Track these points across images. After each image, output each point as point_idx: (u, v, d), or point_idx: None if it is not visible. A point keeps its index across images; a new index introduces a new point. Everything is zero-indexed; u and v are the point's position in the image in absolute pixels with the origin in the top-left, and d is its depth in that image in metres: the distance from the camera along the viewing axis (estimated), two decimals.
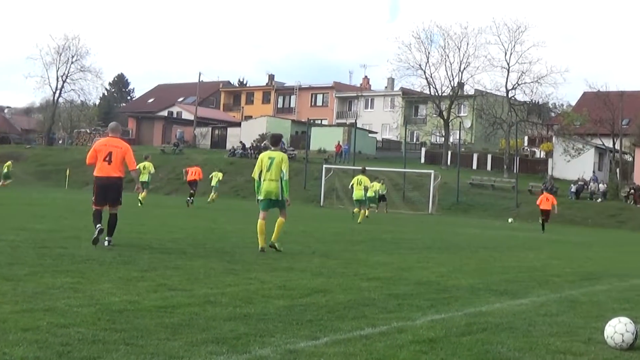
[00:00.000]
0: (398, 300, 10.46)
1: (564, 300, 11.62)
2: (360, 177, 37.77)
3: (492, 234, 32.85)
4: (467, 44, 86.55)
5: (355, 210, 37.66)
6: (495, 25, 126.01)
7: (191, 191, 44.71)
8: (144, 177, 39.11)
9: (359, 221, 35.05)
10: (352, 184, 38.22)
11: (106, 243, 15.38)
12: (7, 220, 21.05)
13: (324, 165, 67.23)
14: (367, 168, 44.19)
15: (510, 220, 48.41)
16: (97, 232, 15.25)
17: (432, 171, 62.92)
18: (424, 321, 8.90)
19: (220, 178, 51.92)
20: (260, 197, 17.17)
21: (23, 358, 6.17)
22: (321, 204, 61.75)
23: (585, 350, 7.87)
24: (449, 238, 27.47)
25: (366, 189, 37.31)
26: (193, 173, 46.57)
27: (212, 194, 50.76)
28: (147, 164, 40.27)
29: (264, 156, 17.34)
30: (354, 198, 38.11)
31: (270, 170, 16.94)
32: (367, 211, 38.75)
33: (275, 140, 18.43)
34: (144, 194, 37.94)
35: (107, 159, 15.84)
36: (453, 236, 29.09)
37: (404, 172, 67.26)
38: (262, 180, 17.09)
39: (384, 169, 69.73)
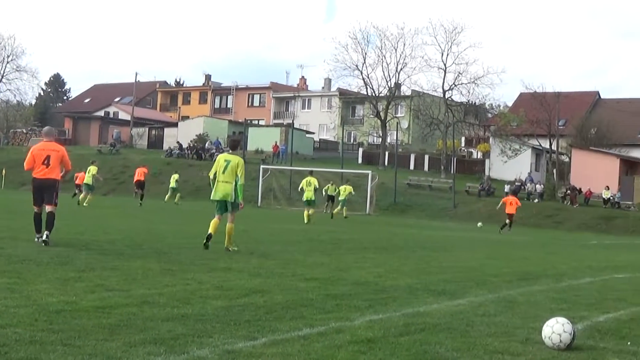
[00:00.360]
0: (336, 300, 10.48)
1: (501, 300, 11.71)
2: (309, 178, 39.00)
3: (429, 234, 33.07)
4: (404, 44, 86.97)
5: (306, 212, 37.84)
6: (432, 26, 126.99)
7: (136, 190, 45.31)
8: (88, 180, 40.61)
9: (306, 222, 35.75)
10: (302, 186, 39.48)
11: (44, 237, 15.92)
12: None
13: (261, 166, 67.10)
14: (304, 169, 44.69)
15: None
16: (37, 240, 16.04)
17: (369, 172, 63.11)
18: (362, 321, 8.92)
19: (177, 178, 54.65)
20: (215, 198, 17.61)
21: None
22: (259, 204, 61.64)
23: (523, 350, 7.93)
24: (386, 238, 27.61)
25: (316, 190, 38.62)
26: (139, 174, 47.87)
27: (175, 194, 53.44)
28: (92, 167, 41.30)
29: (220, 158, 17.87)
30: (304, 199, 38.60)
31: (225, 172, 17.37)
32: (345, 212, 42.42)
33: (234, 145, 19.13)
34: (90, 197, 39.86)
35: (45, 162, 16.44)
36: (391, 236, 29.24)
37: (341, 172, 67.38)
38: (217, 181, 17.50)
39: (321, 170, 69.83)
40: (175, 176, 54.63)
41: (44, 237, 15.94)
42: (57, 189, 16.79)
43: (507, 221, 42.13)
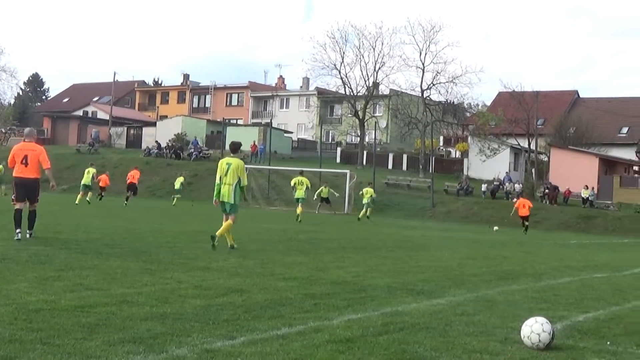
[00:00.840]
0: (314, 300, 10.51)
1: (480, 299, 11.75)
2: (300, 178, 41.51)
3: (407, 234, 33.11)
4: (382, 43, 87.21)
5: (299, 210, 39.61)
6: (410, 25, 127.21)
7: (128, 194, 48.53)
8: (87, 181, 44.37)
9: (299, 220, 37.34)
10: (294, 184, 41.75)
11: (28, 235, 17.06)
12: None
13: None
14: (282, 168, 45.48)
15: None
16: (17, 236, 16.68)
17: (347, 171, 63.08)
18: (341, 321, 8.95)
19: (182, 181, 55.71)
20: (218, 199, 18.64)
21: None
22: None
23: (502, 349, 7.96)
24: (364, 237, 27.62)
25: (307, 189, 41.33)
26: (132, 176, 50.34)
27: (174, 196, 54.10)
28: (90, 169, 45.36)
29: (222, 162, 18.85)
30: (296, 196, 40.89)
31: (228, 175, 18.38)
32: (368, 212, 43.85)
33: (235, 148, 19.43)
34: (80, 196, 43.09)
35: (23, 161, 17.36)
36: (369, 235, 29.26)
37: (319, 172, 67.36)
38: (222, 183, 18.50)
39: (300, 169, 69.82)
40: (180, 179, 55.57)
41: (28, 235, 16.98)
42: (37, 187, 17.77)
43: (526, 223, 45.72)
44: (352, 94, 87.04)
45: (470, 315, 10.03)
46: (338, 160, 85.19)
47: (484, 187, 66.02)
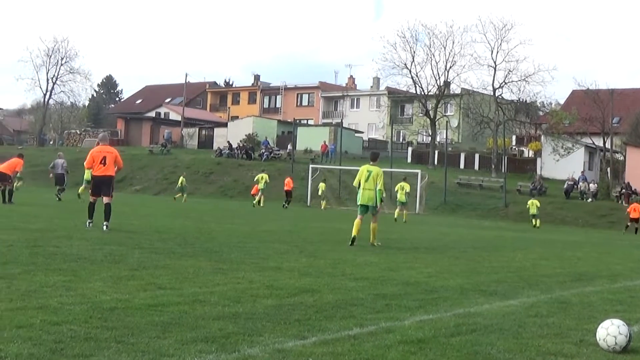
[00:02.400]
0: (386, 300, 10.46)
1: (554, 301, 11.56)
2: (402, 183, 45.08)
3: (480, 234, 32.88)
4: (453, 42, 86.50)
5: (397, 212, 44.31)
6: (481, 24, 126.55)
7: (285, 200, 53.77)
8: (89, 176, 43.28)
9: (404, 220, 41.65)
10: (396, 189, 46.39)
11: (104, 228, 19.53)
12: (0, 220, 21.05)
13: (311, 165, 67.18)
14: (353, 168, 45.87)
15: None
16: (87, 225, 20.03)
17: (419, 171, 62.81)
18: (413, 321, 8.89)
19: (267, 179, 55.63)
20: (358, 203, 20.97)
21: (17, 355, 6.20)
22: (308, 204, 61.72)
23: (577, 352, 7.82)
24: (436, 238, 27.48)
25: (407, 194, 45.11)
26: (288, 184, 55.15)
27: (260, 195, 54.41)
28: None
29: (364, 169, 21.20)
30: (398, 201, 45.21)
31: (368, 180, 20.75)
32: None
33: (374, 157, 21.91)
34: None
35: (102, 162, 20.58)
36: (441, 236, 29.10)
37: (390, 171, 67.13)
38: (361, 188, 20.83)
39: (404, 172, 69.77)
40: (265, 176, 55.06)
41: (104, 227, 19.53)
42: (112, 184, 20.95)
43: (631, 224, 47.47)
44: (422, 93, 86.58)
45: (544, 317, 9.89)
46: (409, 160, 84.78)
47: (566, 185, 65.03)
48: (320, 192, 57.15)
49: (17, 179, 46.50)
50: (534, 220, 49.25)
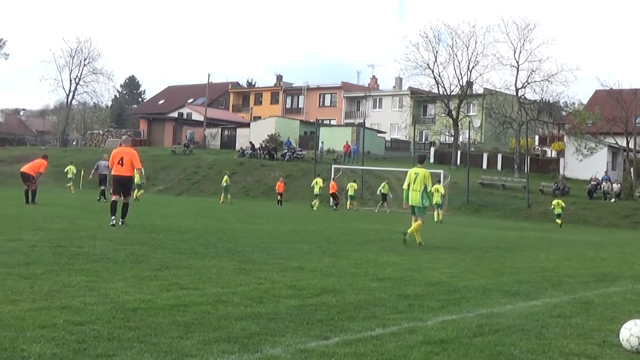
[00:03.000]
0: (408, 300, 10.45)
1: (577, 301, 11.52)
2: (437, 186, 44.11)
3: (503, 234, 32.77)
4: (476, 42, 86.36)
5: (435, 213, 43.35)
6: (504, 23, 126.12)
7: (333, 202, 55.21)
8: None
9: (436, 221, 41.39)
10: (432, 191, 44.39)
11: (120, 223, 21.14)
12: (24, 221, 21.22)
13: (333, 166, 67.17)
14: (376, 168, 46.25)
15: None
16: (111, 222, 21.02)
17: (441, 171, 62.49)
18: (435, 322, 8.88)
19: (321, 184, 57.25)
20: (409, 204, 22.21)
21: (40, 355, 6.24)
22: (330, 203, 61.67)
23: (600, 353, 7.79)
24: (459, 238, 27.43)
25: (442, 195, 45.41)
26: (332, 187, 57.41)
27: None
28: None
29: (411, 171, 22.45)
30: (434, 202, 43.12)
31: (416, 182, 21.92)
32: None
33: (421, 159, 23.63)
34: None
35: (120, 162, 21.84)
36: (463, 236, 29.03)
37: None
38: (410, 190, 21.99)
39: (392, 169, 69.62)
40: (318, 180, 56.84)
41: (120, 223, 21.08)
42: (130, 184, 22.86)
43: None
44: (445, 93, 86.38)
45: (567, 318, 9.86)
46: (432, 160, 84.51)
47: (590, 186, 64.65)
48: (350, 192, 57.02)
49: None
50: (558, 220, 49.29)
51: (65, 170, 58.93)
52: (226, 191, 54.45)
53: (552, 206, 50.74)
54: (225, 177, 56.07)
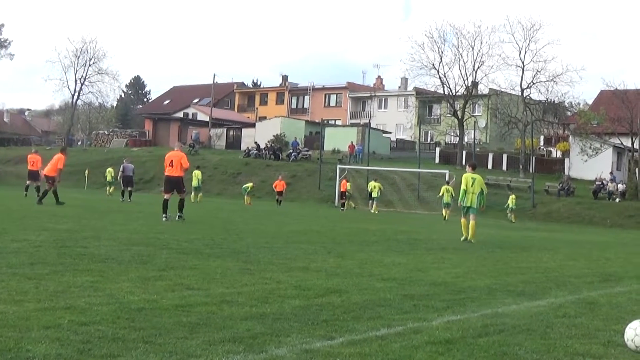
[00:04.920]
0: (414, 301, 10.44)
1: (582, 301, 11.49)
2: (447, 187, 47.31)
3: (508, 235, 32.75)
4: (481, 42, 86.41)
5: (444, 212, 46.91)
6: (509, 24, 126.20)
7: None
8: (194, 183, 49.81)
9: (446, 218, 44.10)
10: (442, 193, 48.12)
11: (177, 218, 25.26)
12: (28, 221, 21.23)
13: (338, 166, 67.19)
14: (381, 169, 46.37)
15: None
16: (163, 219, 24.63)
17: (446, 171, 62.57)
18: (440, 322, 8.87)
19: (349, 188, 59.31)
20: (465, 205, 25.38)
21: (45, 355, 6.23)
22: (335, 204, 61.71)
23: (605, 353, 7.77)
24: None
25: (452, 196, 45.59)
26: (343, 185, 58.21)
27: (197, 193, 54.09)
28: (197, 172, 51.31)
29: (468, 176, 25.47)
30: (444, 202, 47.34)
31: (474, 186, 25.17)
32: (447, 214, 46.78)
33: (474, 166, 26.77)
34: (199, 196, 50.11)
35: (170, 164, 25.72)
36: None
37: (418, 172, 67.09)
38: (468, 193, 25.16)
39: (398, 169, 69.68)
40: (377, 185, 57.02)
41: (177, 217, 25.23)
42: (181, 182, 26.19)
43: None
44: (450, 93, 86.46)
45: (572, 318, 9.84)
46: (437, 160, 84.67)
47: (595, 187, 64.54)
48: (376, 194, 56.38)
49: (195, 189, 47.84)
50: (509, 214, 51.88)
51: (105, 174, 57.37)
52: (197, 190, 51.69)
53: (441, 193, 50.18)
54: (197, 173, 52.17)
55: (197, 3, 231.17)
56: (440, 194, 48.56)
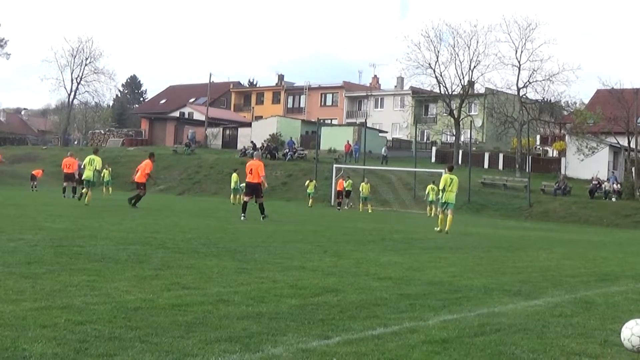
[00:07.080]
0: (410, 300, 10.44)
1: (578, 301, 11.51)
2: (433, 185, 48.36)
3: (504, 234, 32.77)
4: (477, 42, 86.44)
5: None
6: (506, 23, 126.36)
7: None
8: (233, 185, 52.31)
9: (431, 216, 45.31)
10: (428, 192, 50.54)
11: (261, 218, 28.70)
12: (25, 220, 21.23)
13: (334, 165, 67.23)
14: (377, 168, 46.56)
15: None
16: (242, 218, 28.44)
17: (442, 170, 62.39)
18: (436, 321, 8.88)
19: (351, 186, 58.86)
20: (442, 201, 29.49)
21: (42, 354, 6.24)
22: (332, 203, 61.73)
23: (601, 352, 7.78)
24: (460, 237, 27.39)
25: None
26: (340, 184, 58.59)
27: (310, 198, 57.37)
28: (234, 175, 53.06)
29: (447, 177, 29.27)
30: (442, 200, 45.86)
31: (452, 185, 29.09)
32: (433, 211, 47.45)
33: (452, 168, 30.78)
34: (237, 198, 49.93)
35: (250, 172, 29.59)
36: (465, 236, 29.00)
37: (414, 171, 67.07)
38: (446, 191, 28.95)
39: (394, 169, 69.69)
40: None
41: (261, 218, 28.76)
42: (259, 188, 29.67)
43: None
44: (447, 93, 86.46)
45: (568, 317, 9.85)
46: (433, 159, 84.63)
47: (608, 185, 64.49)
48: (365, 194, 56.98)
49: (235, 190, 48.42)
50: (429, 207, 51.36)
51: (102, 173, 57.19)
52: (236, 192, 52.45)
53: (427, 191, 51.83)
54: (234, 174, 53.59)
55: (193, 3, 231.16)
56: (426, 193, 50.14)
